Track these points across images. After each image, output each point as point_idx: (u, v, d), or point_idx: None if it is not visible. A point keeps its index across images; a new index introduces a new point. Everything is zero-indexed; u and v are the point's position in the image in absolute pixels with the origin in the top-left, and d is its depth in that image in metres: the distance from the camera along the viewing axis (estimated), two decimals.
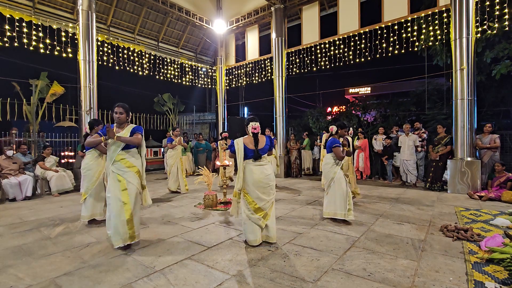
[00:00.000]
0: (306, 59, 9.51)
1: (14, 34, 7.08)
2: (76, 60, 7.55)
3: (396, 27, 7.77)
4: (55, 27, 7.70)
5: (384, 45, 7.96)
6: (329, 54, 9.03)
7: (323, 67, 9.24)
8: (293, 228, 3.88)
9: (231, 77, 12.00)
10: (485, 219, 4.20)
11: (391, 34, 7.81)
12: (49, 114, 8.33)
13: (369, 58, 8.31)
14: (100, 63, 8.47)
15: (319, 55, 9.24)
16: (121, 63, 9.34)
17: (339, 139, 4.23)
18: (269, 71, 10.44)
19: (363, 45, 8.27)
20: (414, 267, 2.65)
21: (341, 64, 8.86)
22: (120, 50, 9.35)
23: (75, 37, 7.68)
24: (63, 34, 7.75)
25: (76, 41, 7.63)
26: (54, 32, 7.61)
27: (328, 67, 9.18)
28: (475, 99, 6.45)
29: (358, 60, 8.51)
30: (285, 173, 9.51)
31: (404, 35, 7.65)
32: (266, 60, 10.59)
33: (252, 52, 11.15)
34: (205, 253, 3.03)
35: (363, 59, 8.39)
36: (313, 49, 9.36)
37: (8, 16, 7.05)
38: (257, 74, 10.94)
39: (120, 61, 9.32)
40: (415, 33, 7.52)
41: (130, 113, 3.38)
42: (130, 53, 9.64)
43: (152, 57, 10.39)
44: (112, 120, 3.55)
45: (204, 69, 12.25)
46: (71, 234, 3.72)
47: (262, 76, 10.78)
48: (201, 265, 2.73)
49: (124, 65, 9.41)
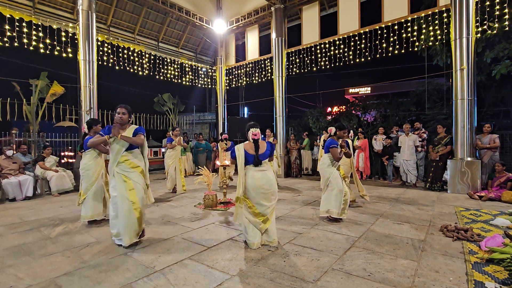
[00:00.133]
0: (306, 59, 9.51)
1: (14, 34, 7.08)
2: (76, 60, 7.55)
3: (396, 27, 7.78)
4: (55, 27, 7.71)
5: (384, 45, 7.96)
6: (329, 54, 9.03)
7: (323, 67, 9.25)
8: (293, 228, 3.88)
9: (231, 77, 12.00)
10: (485, 219, 4.20)
11: (391, 34, 7.81)
12: (49, 114, 8.33)
13: (369, 58, 8.32)
14: (100, 63, 8.47)
15: (319, 55, 9.24)
16: (121, 63, 9.34)
17: (338, 141, 4.25)
18: (269, 71, 10.44)
19: (363, 45, 8.28)
20: (414, 267, 2.65)
21: (341, 64, 8.87)
22: (120, 50, 9.35)
23: (75, 37, 7.68)
24: (63, 34, 7.76)
25: (76, 41, 7.63)
26: (54, 32, 7.62)
27: (328, 67, 9.19)
28: (475, 99, 6.45)
29: (358, 60, 8.51)
30: (285, 173, 9.52)
31: (404, 35, 7.65)
32: (266, 60, 10.59)
33: (252, 52, 11.16)
34: (205, 253, 3.03)
35: (363, 59, 8.39)
36: (313, 49, 9.37)
37: (8, 16, 7.05)
38: (257, 74, 10.94)
39: (120, 61, 9.32)
40: (415, 33, 7.52)
41: (132, 114, 3.40)
42: (130, 53, 9.64)
43: (152, 57, 10.39)
44: (112, 120, 3.56)
45: (204, 69, 12.26)
46: (71, 234, 3.72)
47: (262, 76, 10.78)
48: (201, 265, 2.73)
49: (124, 65, 9.41)
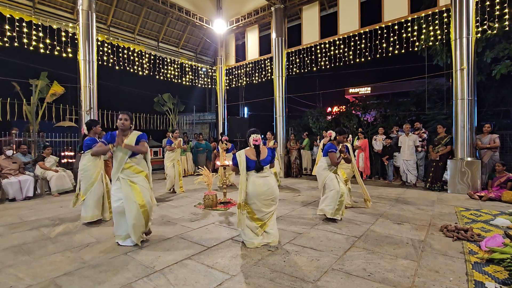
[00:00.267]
0: (306, 59, 9.50)
1: (14, 34, 7.07)
2: (76, 60, 7.54)
3: (396, 27, 7.77)
4: (55, 27, 7.70)
5: (384, 45, 7.96)
6: (329, 54, 9.03)
7: (323, 67, 9.24)
8: (293, 228, 3.88)
9: (231, 77, 11.99)
10: (485, 219, 4.19)
11: (391, 34, 7.80)
12: (49, 114, 8.32)
13: (369, 58, 8.31)
14: (100, 63, 8.46)
15: (319, 55, 9.23)
16: (121, 63, 9.33)
17: (338, 146, 4.26)
18: (269, 71, 10.43)
19: (363, 45, 8.27)
20: (414, 267, 2.65)
21: (341, 64, 8.86)
22: (120, 50, 9.34)
23: (75, 37, 7.68)
24: (63, 34, 7.75)
25: (76, 41, 7.62)
26: (54, 32, 7.61)
27: (328, 67, 9.18)
28: (475, 99, 6.45)
29: (358, 60, 8.50)
30: (285, 173, 9.51)
31: (404, 35, 7.64)
32: (266, 60, 10.59)
33: (252, 52, 11.15)
34: (205, 253, 3.03)
35: (363, 59, 8.39)
36: (313, 49, 9.36)
37: (8, 16, 7.05)
38: (257, 74, 10.94)
39: (120, 61, 9.32)
40: (415, 33, 7.52)
41: (133, 120, 3.45)
42: (130, 53, 9.63)
43: (152, 57, 10.38)
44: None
45: (204, 69, 12.25)
46: (71, 234, 3.72)
47: (262, 76, 10.77)
48: (201, 265, 2.73)
49: (124, 65, 9.40)
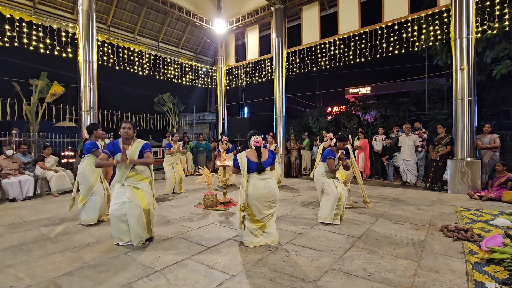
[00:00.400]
0: (306, 59, 9.50)
1: (14, 34, 7.07)
2: (76, 60, 7.54)
3: (396, 27, 7.77)
4: (55, 27, 7.70)
5: (384, 45, 7.96)
6: (329, 54, 9.02)
7: (323, 67, 9.24)
8: (293, 228, 3.88)
9: (231, 77, 12.00)
10: (486, 219, 4.19)
11: (391, 34, 7.80)
12: (49, 114, 8.33)
13: (369, 58, 8.31)
14: (100, 63, 8.46)
15: (319, 55, 9.23)
16: (121, 63, 9.33)
17: (337, 152, 4.20)
18: (269, 71, 10.43)
19: (363, 45, 8.27)
20: (414, 267, 2.65)
21: (341, 64, 8.86)
22: (120, 50, 9.34)
23: (75, 37, 7.68)
24: (63, 34, 7.75)
25: (76, 41, 7.62)
26: (54, 32, 7.61)
27: (328, 67, 9.18)
28: (475, 99, 6.45)
29: (358, 60, 8.50)
30: (285, 173, 9.51)
31: (404, 35, 7.64)
32: (266, 60, 10.59)
33: (252, 52, 11.15)
34: (205, 253, 3.03)
35: (363, 59, 8.38)
36: (313, 49, 9.36)
37: (8, 16, 7.05)
38: (257, 74, 10.94)
39: (120, 61, 9.32)
40: (415, 33, 7.52)
41: (136, 128, 3.47)
42: (130, 53, 9.64)
43: (152, 57, 10.38)
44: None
45: (204, 69, 12.25)
46: (71, 234, 3.71)
47: (262, 76, 10.77)
48: (201, 265, 2.73)
49: (124, 65, 9.40)
